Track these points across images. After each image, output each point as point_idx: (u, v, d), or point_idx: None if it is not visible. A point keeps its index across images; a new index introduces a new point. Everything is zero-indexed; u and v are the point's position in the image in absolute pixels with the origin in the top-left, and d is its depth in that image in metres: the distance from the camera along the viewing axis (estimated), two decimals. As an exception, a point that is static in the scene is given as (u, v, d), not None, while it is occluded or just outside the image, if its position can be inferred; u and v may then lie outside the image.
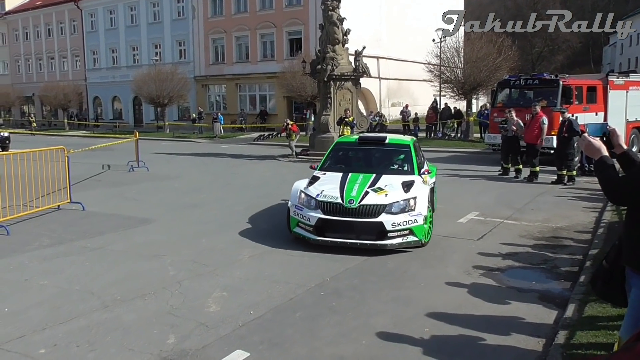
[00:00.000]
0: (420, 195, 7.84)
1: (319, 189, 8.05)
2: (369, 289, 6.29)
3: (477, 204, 11.31)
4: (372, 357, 4.56)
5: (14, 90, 53.46)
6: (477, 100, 32.53)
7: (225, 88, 42.10)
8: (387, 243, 7.48)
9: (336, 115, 20.60)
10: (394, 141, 9.56)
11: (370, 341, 4.89)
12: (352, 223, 7.58)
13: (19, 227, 9.31)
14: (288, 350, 4.71)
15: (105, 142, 19.25)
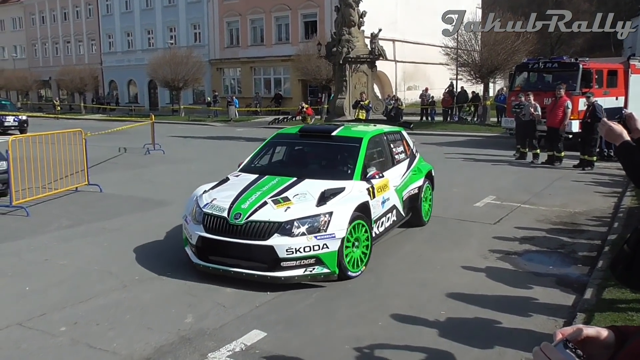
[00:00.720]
0: (339, 211, 5.77)
1: (213, 197, 6.28)
2: (385, 271, 6.30)
3: (494, 188, 11.23)
4: (388, 338, 4.58)
5: (31, 74, 53.87)
6: (494, 83, 32.17)
7: (240, 71, 42.04)
8: (280, 275, 5.52)
9: (352, 98, 20.49)
10: (344, 134, 7.36)
11: (387, 323, 4.92)
12: (235, 245, 5.65)
13: (38, 208, 9.43)
14: (304, 330, 4.75)
15: (121, 126, 19.37)
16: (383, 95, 32.01)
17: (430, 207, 8.45)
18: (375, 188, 6.61)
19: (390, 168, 7.40)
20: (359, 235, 6.00)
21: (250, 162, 7.51)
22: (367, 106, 19.34)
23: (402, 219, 7.54)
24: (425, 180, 8.20)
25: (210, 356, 4.25)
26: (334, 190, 6.10)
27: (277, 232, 5.56)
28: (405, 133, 8.63)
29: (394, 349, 4.37)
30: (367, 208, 6.28)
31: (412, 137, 23.07)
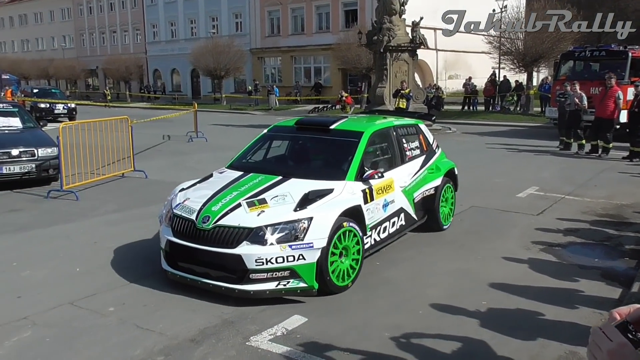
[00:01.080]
0: (320, 216, 4.99)
1: (187, 197, 5.64)
2: (425, 260, 6.26)
3: (537, 179, 10.99)
4: (428, 327, 4.56)
5: (79, 63, 55.40)
6: (538, 72, 31.38)
7: (280, 60, 42.20)
8: (248, 289, 4.83)
9: (392, 87, 20.33)
10: (343, 128, 6.46)
11: (427, 312, 4.89)
12: (202, 253, 5.03)
13: (87, 193, 9.72)
14: (344, 317, 4.77)
15: (165, 114, 19.74)
16: (424, 84, 31.62)
17: (451, 210, 7.55)
18: (373, 189, 5.80)
19: (399, 166, 6.55)
20: (348, 243, 5.23)
21: (240, 157, 6.77)
22: (407, 95, 19.15)
23: (413, 223, 6.76)
24: (444, 180, 7.29)
25: (252, 339, 4.31)
26: (319, 192, 5.29)
27: (246, 239, 4.84)
28: (424, 127, 7.63)
29: (434, 338, 4.35)
30: (358, 213, 5.48)
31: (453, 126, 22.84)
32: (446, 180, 7.35)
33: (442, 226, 7.26)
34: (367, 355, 4.08)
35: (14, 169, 9.93)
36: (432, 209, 7.06)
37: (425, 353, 4.12)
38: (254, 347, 4.20)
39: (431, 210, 7.06)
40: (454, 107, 29.73)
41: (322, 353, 4.09)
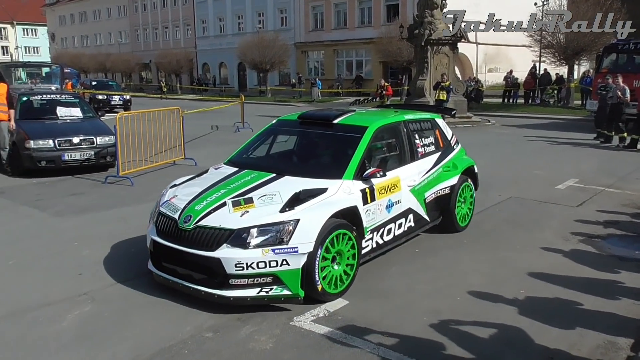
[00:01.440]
0: (308, 218, 4.50)
1: (175, 194, 5.24)
2: (464, 249, 6.18)
3: (577, 171, 10.67)
4: (467, 313, 4.50)
5: (133, 58, 56.65)
6: (579, 65, 30.35)
7: (323, 54, 42.12)
8: (228, 295, 4.40)
9: (432, 80, 20.04)
10: (347, 122, 5.84)
11: (465, 298, 4.84)
12: (183, 254, 4.60)
13: (140, 179, 9.97)
14: (385, 301, 4.77)
15: (213, 105, 20.00)
16: (464, 77, 31.04)
17: (470, 211, 6.94)
18: (375, 189, 5.25)
19: (409, 163, 5.93)
20: (341, 248, 4.74)
21: (240, 152, 6.25)
22: (447, 87, 18.84)
23: (424, 224, 6.18)
24: (461, 179, 6.65)
25: (296, 319, 4.36)
26: (311, 192, 4.79)
27: (227, 241, 4.39)
28: (441, 121, 6.94)
29: (472, 324, 4.29)
30: (354, 214, 4.94)
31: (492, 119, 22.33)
32: (464, 178, 6.73)
33: (459, 228, 6.66)
34: (405, 338, 4.07)
35: (74, 155, 10.26)
36: (447, 209, 6.46)
37: (463, 338, 4.07)
38: (297, 327, 4.24)
39: (447, 211, 6.47)
40: (494, 100, 29.09)
41: (362, 335, 4.09)
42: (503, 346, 3.97)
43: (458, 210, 6.62)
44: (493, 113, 23.84)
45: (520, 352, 3.89)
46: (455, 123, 19.80)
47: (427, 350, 3.88)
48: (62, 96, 12.14)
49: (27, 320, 4.39)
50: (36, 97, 11.72)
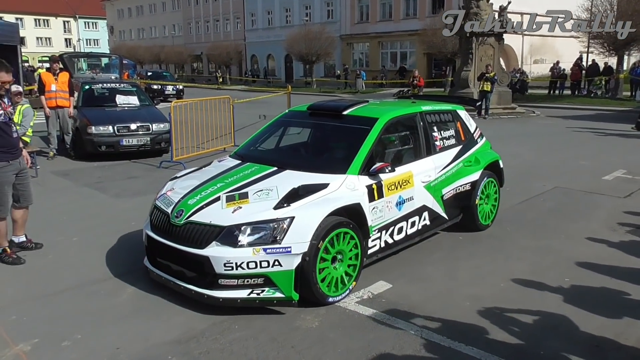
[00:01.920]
0: (304, 216, 4.10)
1: (172, 186, 4.92)
2: (507, 237, 6.04)
3: (625, 162, 10.24)
4: (509, 300, 4.40)
5: (185, 50, 57.65)
6: (629, 56, 29.02)
7: (368, 46, 41.76)
8: (217, 296, 4.05)
9: (477, 71, 19.60)
10: (357, 113, 5.36)
11: (508, 285, 4.73)
12: (173, 251, 4.29)
13: (193, 164, 10.04)
14: (427, 286, 4.71)
15: (261, 95, 20.16)
16: (508, 69, 30.18)
17: (495, 208, 6.40)
18: (383, 185, 4.78)
19: (424, 158, 5.42)
20: (343, 247, 4.33)
21: (247, 144, 5.83)
22: (492, 78, 18.38)
23: (442, 222, 5.69)
24: (485, 174, 6.12)
25: (341, 300, 4.36)
26: (310, 187, 4.37)
27: (216, 239, 4.04)
28: (464, 113, 6.38)
29: (515, 311, 4.19)
30: (358, 212, 4.51)
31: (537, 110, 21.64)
32: (487, 174, 6.18)
33: (481, 226, 6.13)
34: (449, 322, 4.01)
35: (132, 141, 10.55)
36: (468, 206, 5.95)
37: (506, 323, 3.98)
38: (342, 308, 4.24)
39: (467, 208, 5.96)
40: (540, 91, 28.21)
41: (406, 318, 4.06)
42: (547, 332, 3.86)
43: (480, 208, 6.09)
44: (538, 104, 23.12)
45: (565, 339, 3.77)
46: (500, 114, 19.36)
47: (471, 334, 3.82)
48: (121, 85, 12.49)
49: (88, 293, 4.56)
50: (97, 86, 12.10)
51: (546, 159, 10.66)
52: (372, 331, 3.87)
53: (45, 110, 10.53)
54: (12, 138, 4.96)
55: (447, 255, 5.45)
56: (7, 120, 4.87)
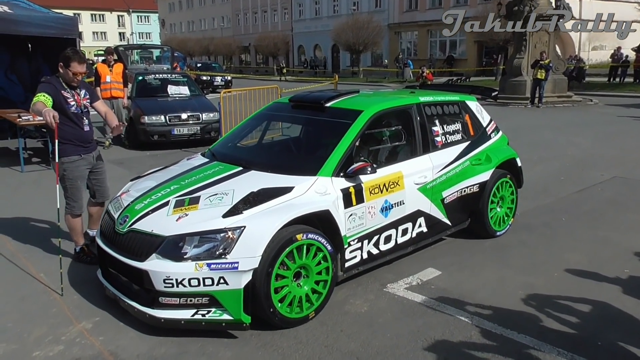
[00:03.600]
0: (256, 226, 3.53)
1: (130, 187, 4.50)
2: (562, 226, 5.87)
3: (691, 151, 9.75)
4: (564, 290, 4.29)
5: (234, 41, 58.44)
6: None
7: (416, 35, 41.15)
8: (159, 316, 3.55)
9: (530, 58, 19.02)
10: (340, 106, 4.72)
11: (562, 275, 4.61)
12: (116, 262, 3.83)
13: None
14: (478, 273, 4.66)
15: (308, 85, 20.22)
16: (564, 56, 29.10)
17: (511, 212, 5.69)
18: (364, 188, 4.17)
19: (419, 156, 4.76)
20: (308, 262, 3.75)
21: (225, 139, 5.33)
22: (547, 65, 17.79)
23: (444, 229, 5.08)
24: (497, 174, 5.40)
25: (389, 286, 4.37)
26: (271, 191, 3.82)
27: (156, 251, 3.55)
28: (475, 105, 5.65)
29: (570, 301, 4.09)
30: (328, 220, 3.91)
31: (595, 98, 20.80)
32: (501, 173, 5.47)
33: (493, 232, 5.43)
34: (500, 310, 3.95)
35: (183, 130, 10.83)
36: (477, 211, 5.31)
37: (561, 313, 3.89)
38: (391, 294, 4.25)
39: (477, 212, 5.31)
40: (598, 79, 27.07)
41: (456, 304, 4.03)
42: (605, 324, 3.75)
43: (492, 212, 5.42)
44: (596, 92, 22.23)
45: (624, 331, 3.65)
46: (554, 102, 18.77)
47: (524, 323, 3.75)
48: (172, 76, 12.82)
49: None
50: (150, 77, 12.46)
51: (604, 149, 10.26)
52: (422, 317, 3.86)
53: (100, 101, 10.91)
54: (84, 131, 4.77)
55: (497, 243, 5.36)
56: (79, 112, 4.71)
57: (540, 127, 13.20)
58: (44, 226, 5.98)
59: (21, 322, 3.85)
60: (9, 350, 3.50)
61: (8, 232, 5.78)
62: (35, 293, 4.32)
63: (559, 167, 8.52)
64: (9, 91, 11.62)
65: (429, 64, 36.95)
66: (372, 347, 3.48)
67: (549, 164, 9.06)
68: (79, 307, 4.07)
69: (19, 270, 4.78)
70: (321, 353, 3.43)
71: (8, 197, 7.29)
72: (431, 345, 3.49)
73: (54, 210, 4.57)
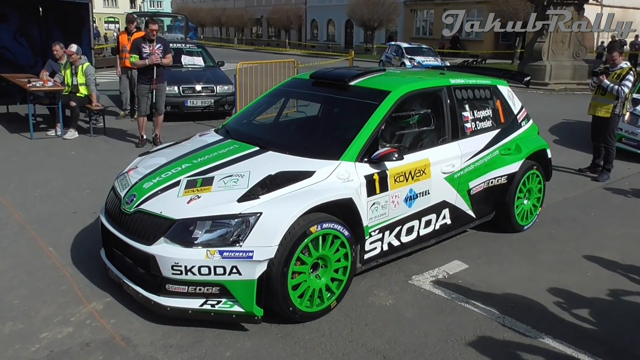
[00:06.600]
0: (274, 213, 3.26)
1: (139, 164, 4.20)
2: (592, 222, 5.63)
3: None
4: (600, 290, 4.07)
5: (246, 13, 57.50)
6: None
7: (432, 13, 40.33)
8: (164, 304, 3.30)
9: (552, 42, 18.51)
10: (366, 85, 4.38)
11: (596, 274, 4.38)
12: (121, 244, 3.58)
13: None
14: (506, 268, 4.43)
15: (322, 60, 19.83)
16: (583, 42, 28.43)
17: (537, 206, 5.37)
18: (389, 175, 3.86)
19: (448, 143, 4.46)
20: (326, 252, 3.48)
21: (240, 116, 5.02)
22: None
23: (467, 221, 4.79)
24: (526, 165, 5.06)
25: (415, 278, 4.15)
26: (291, 175, 3.52)
27: (165, 234, 3.28)
28: (507, 90, 5.29)
29: (607, 304, 3.87)
30: (350, 209, 3.62)
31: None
32: (529, 165, 5.12)
33: (518, 227, 5.15)
34: (532, 310, 3.74)
35: (196, 102, 10.55)
36: (502, 203, 4.99)
37: (596, 317, 3.67)
38: (417, 286, 4.03)
39: (502, 205, 4.99)
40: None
41: (485, 302, 3.81)
42: (645, 331, 3.53)
43: (518, 205, 5.10)
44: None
45: (666, 340, 3.44)
46: (574, 89, 18.35)
47: (558, 326, 3.53)
48: (187, 45, 12.47)
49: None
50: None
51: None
52: (450, 314, 3.65)
53: (117, 70, 10.68)
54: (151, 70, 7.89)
55: (524, 236, 5.13)
56: (148, 56, 7.77)
57: (561, 114, 12.84)
58: (54, 196, 5.78)
59: (29, 299, 3.68)
60: (16, 330, 3.32)
61: (16, 201, 5.59)
62: (43, 268, 4.14)
63: (583, 157, 8.22)
64: (18, 55, 11.32)
65: (440, 43, 36.30)
66: (400, 345, 3.28)
67: (573, 153, 8.77)
68: (90, 286, 3.88)
69: (27, 243, 4.60)
70: (345, 348, 3.22)
71: (17, 164, 7.09)
72: (462, 346, 3.28)
73: (64, 179, 4.34)
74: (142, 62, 7.82)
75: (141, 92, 8.04)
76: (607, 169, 7.21)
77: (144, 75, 8.00)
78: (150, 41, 7.83)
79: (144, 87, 8.01)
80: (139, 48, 7.83)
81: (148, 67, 7.89)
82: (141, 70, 8.01)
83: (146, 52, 7.78)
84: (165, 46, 8.02)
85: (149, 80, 7.97)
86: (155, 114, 8.24)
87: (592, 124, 7.49)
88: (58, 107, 8.64)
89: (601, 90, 7.05)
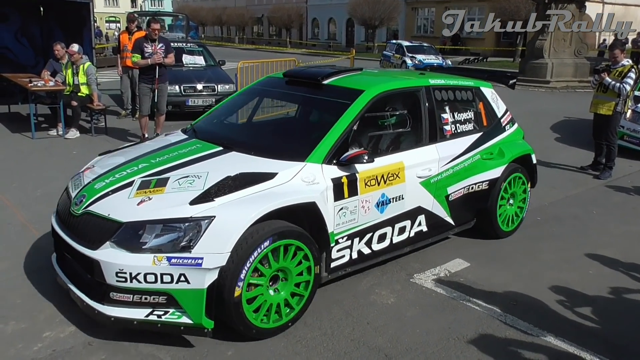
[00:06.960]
0: (226, 217, 3.03)
1: (98, 163, 4.02)
2: (593, 219, 5.63)
3: None
4: (602, 288, 4.07)
5: (247, 12, 57.49)
6: None
7: (434, 11, 40.30)
8: (108, 314, 3.05)
9: (553, 40, 18.47)
10: (340, 84, 4.17)
11: (598, 272, 4.38)
12: (68, 247, 3.34)
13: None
14: (508, 266, 4.43)
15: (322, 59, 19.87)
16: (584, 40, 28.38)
17: (521, 211, 5.16)
18: (359, 178, 3.66)
19: (425, 145, 4.24)
20: (286, 264, 3.26)
21: (210, 115, 4.74)
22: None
23: (445, 229, 4.56)
24: (509, 169, 4.86)
25: (416, 277, 4.15)
26: (251, 177, 3.31)
27: (111, 238, 3.06)
28: (490, 92, 5.10)
29: (609, 302, 3.87)
30: (314, 213, 3.41)
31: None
32: (513, 169, 4.92)
33: (501, 233, 4.96)
34: (534, 308, 3.73)
35: (197, 101, 10.56)
36: (484, 209, 4.78)
37: (599, 315, 3.67)
38: (418, 285, 4.03)
39: (484, 211, 4.79)
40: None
41: (486, 300, 3.81)
42: (647, 329, 3.53)
43: (501, 211, 4.90)
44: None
45: (668, 338, 3.44)
46: (575, 87, 18.33)
47: (561, 324, 3.53)
48: (188, 45, 12.47)
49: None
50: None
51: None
52: (452, 313, 3.65)
53: (118, 70, 10.69)
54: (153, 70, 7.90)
55: (525, 234, 5.13)
56: (150, 56, 7.82)
57: (563, 111, 12.82)
58: (56, 196, 5.78)
59: (31, 299, 3.68)
60: (18, 329, 3.33)
61: (18, 201, 5.60)
62: (46, 267, 4.13)
63: (585, 155, 8.21)
64: (19, 55, 11.34)
65: (441, 41, 36.29)
66: (401, 344, 3.28)
67: (575, 151, 8.76)
68: (92, 286, 3.88)
69: (29, 243, 4.60)
70: (347, 347, 3.23)
71: (19, 164, 7.10)
72: (464, 344, 3.28)
73: (66, 179, 4.36)
74: (145, 62, 7.84)
75: (143, 91, 8.07)
76: (608, 166, 7.20)
77: (145, 75, 8.02)
78: (152, 41, 7.87)
79: (145, 87, 8.04)
80: (141, 47, 7.86)
81: (150, 67, 7.91)
82: (143, 70, 8.02)
83: (148, 51, 7.83)
84: (167, 46, 8.07)
85: (150, 80, 8.00)
86: (157, 114, 8.28)
87: (593, 121, 7.48)
88: (59, 107, 8.66)
89: (603, 87, 7.05)
